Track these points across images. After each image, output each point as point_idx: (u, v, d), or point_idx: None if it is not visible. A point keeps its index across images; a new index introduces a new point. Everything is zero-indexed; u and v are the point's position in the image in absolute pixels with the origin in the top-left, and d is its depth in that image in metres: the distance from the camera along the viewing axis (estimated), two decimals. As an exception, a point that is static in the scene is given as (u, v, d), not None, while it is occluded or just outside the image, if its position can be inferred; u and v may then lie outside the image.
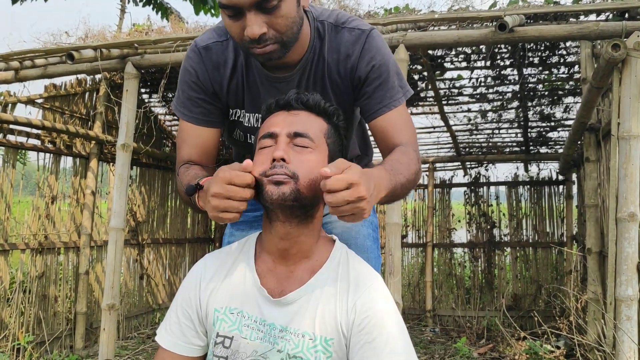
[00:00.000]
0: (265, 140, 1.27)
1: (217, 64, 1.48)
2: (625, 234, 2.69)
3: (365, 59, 1.43)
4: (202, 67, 1.48)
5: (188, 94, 1.50)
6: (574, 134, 4.18)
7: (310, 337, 1.22)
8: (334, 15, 1.48)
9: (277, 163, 1.19)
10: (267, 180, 1.17)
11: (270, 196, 1.16)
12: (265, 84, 1.49)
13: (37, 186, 4.64)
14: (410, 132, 1.47)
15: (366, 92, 1.45)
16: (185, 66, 1.50)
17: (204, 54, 1.48)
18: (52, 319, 4.68)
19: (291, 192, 1.16)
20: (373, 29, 1.48)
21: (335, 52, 1.46)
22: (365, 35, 1.44)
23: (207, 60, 1.47)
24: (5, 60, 3.87)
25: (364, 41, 1.44)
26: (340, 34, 1.45)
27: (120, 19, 7.45)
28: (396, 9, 4.07)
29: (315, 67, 1.47)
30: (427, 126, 6.41)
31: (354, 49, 1.44)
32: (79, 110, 5.08)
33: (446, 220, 6.65)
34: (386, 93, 1.45)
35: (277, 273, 1.29)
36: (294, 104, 1.31)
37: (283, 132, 1.25)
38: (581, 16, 3.54)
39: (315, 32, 1.45)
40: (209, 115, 1.53)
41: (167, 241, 6.31)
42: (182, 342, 1.33)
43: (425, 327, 6.08)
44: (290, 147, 1.23)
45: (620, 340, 2.63)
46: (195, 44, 1.50)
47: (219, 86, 1.50)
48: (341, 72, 1.47)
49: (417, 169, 1.38)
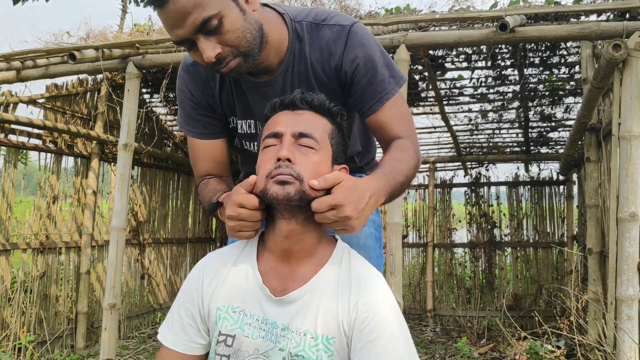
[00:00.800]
0: (270, 139, 1.27)
1: (205, 79, 1.51)
2: (626, 233, 2.69)
3: (349, 57, 1.40)
4: (193, 84, 1.51)
5: (187, 112, 1.55)
6: (574, 134, 4.18)
7: (312, 336, 1.22)
8: (313, 13, 1.45)
9: (283, 163, 1.19)
10: (272, 181, 1.18)
11: (275, 196, 1.17)
12: (251, 90, 1.50)
13: (38, 186, 4.65)
14: (406, 123, 1.46)
15: (356, 91, 1.43)
16: (179, 86, 1.54)
17: (192, 70, 1.51)
18: (53, 318, 4.69)
19: (296, 192, 1.17)
20: (355, 22, 1.43)
21: (317, 51, 1.43)
22: (347, 31, 1.40)
23: (195, 76, 1.50)
24: (7, 60, 3.88)
25: (346, 37, 1.40)
26: (321, 32, 1.42)
27: (122, 19, 7.46)
28: (397, 9, 4.07)
29: (298, 68, 1.45)
30: (428, 126, 6.42)
31: (336, 46, 1.40)
32: (81, 110, 5.09)
33: (447, 220, 6.66)
34: (376, 88, 1.41)
35: (279, 272, 1.29)
36: (298, 104, 1.30)
37: (288, 131, 1.25)
38: (582, 16, 3.54)
39: (293, 33, 1.43)
40: (210, 128, 1.57)
41: (168, 241, 6.32)
42: (184, 341, 1.33)
43: (425, 327, 6.08)
44: (295, 147, 1.23)
45: (621, 340, 2.63)
46: (184, 62, 1.53)
47: (212, 99, 1.53)
48: (326, 71, 1.44)
49: (415, 163, 1.38)
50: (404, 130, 1.43)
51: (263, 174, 1.22)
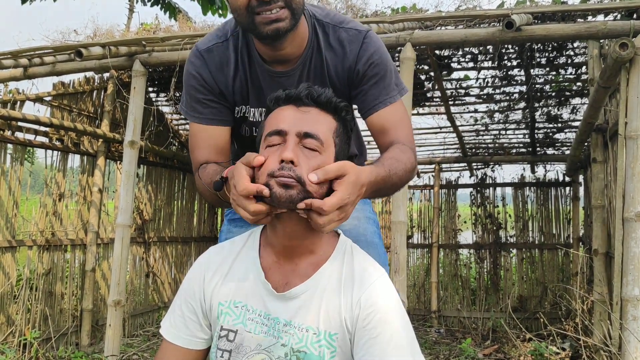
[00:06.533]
0: (274, 137, 1.23)
1: (220, 65, 1.52)
2: (632, 233, 2.68)
3: (363, 58, 1.48)
4: (206, 69, 1.51)
5: (195, 96, 1.53)
6: (581, 135, 4.17)
7: (314, 332, 1.22)
8: (331, 15, 1.53)
9: (286, 165, 1.16)
10: (275, 182, 1.16)
11: (278, 198, 1.15)
12: (267, 79, 1.52)
13: (44, 184, 4.67)
14: (406, 129, 1.51)
15: (363, 90, 1.50)
16: (189, 70, 1.54)
17: (207, 56, 1.51)
18: (58, 315, 4.70)
19: (298, 194, 1.15)
20: (370, 30, 1.52)
21: (333, 50, 1.50)
22: (363, 35, 1.49)
23: (210, 62, 1.51)
24: (15, 58, 3.90)
25: (362, 41, 1.48)
26: (337, 33, 1.50)
27: (129, 18, 7.49)
28: (403, 9, 4.07)
29: (314, 63, 1.51)
30: (434, 126, 6.40)
31: (352, 47, 1.48)
32: (87, 108, 5.11)
33: (452, 221, 6.64)
34: (382, 90, 1.49)
35: (282, 267, 1.29)
36: (304, 100, 1.26)
37: (292, 130, 1.21)
38: (589, 16, 3.53)
39: (312, 29, 1.49)
40: (218, 115, 1.56)
41: (173, 239, 6.33)
42: (185, 335, 1.33)
43: (430, 328, 6.06)
44: (299, 148, 1.20)
45: (627, 340, 2.61)
46: (197, 47, 1.54)
47: (224, 85, 1.53)
48: (338, 70, 1.50)
49: (411, 167, 1.41)
50: (403, 135, 1.48)
51: (265, 171, 1.19)
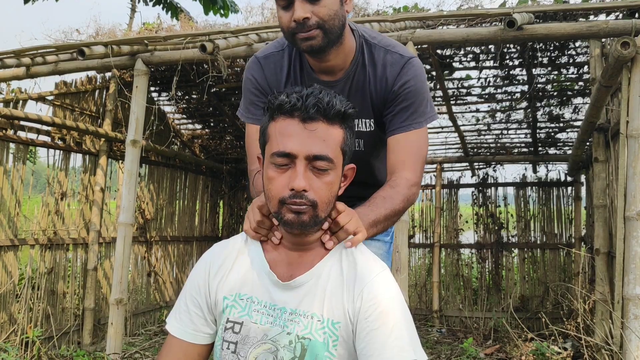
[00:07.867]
0: (282, 158, 1.22)
1: (274, 70, 1.68)
2: (633, 232, 2.68)
3: (400, 81, 1.59)
4: (261, 73, 1.67)
5: (250, 99, 1.69)
6: (582, 134, 4.17)
7: (319, 319, 1.26)
8: (380, 37, 1.66)
9: (297, 194, 1.19)
10: (287, 209, 1.21)
11: (290, 224, 1.22)
12: None
13: (47, 183, 4.67)
14: (417, 158, 1.60)
15: (393, 110, 1.61)
16: (246, 75, 1.70)
17: (263, 62, 1.68)
18: (60, 314, 4.71)
19: (310, 218, 1.21)
20: (414, 57, 1.63)
21: (376, 68, 1.62)
22: (405, 60, 1.60)
23: (266, 67, 1.68)
24: (17, 57, 3.91)
25: (403, 65, 1.59)
26: (382, 54, 1.62)
27: (131, 18, 7.49)
28: (405, 8, 4.07)
29: (357, 78, 1.63)
30: (435, 126, 6.39)
31: (393, 69, 1.60)
32: (89, 108, 5.12)
33: (454, 221, 6.64)
34: (410, 115, 1.59)
35: (286, 258, 1.32)
36: (311, 113, 1.22)
37: (302, 154, 1.20)
38: (591, 15, 3.53)
39: (359, 48, 1.62)
40: None
41: (175, 239, 6.34)
42: (190, 330, 1.35)
43: (432, 328, 6.06)
44: (308, 171, 1.21)
45: (628, 339, 2.61)
46: (255, 56, 1.72)
47: (276, 88, 1.65)
48: (378, 88, 1.62)
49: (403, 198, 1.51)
50: (409, 162, 1.57)
51: (276, 196, 1.22)
